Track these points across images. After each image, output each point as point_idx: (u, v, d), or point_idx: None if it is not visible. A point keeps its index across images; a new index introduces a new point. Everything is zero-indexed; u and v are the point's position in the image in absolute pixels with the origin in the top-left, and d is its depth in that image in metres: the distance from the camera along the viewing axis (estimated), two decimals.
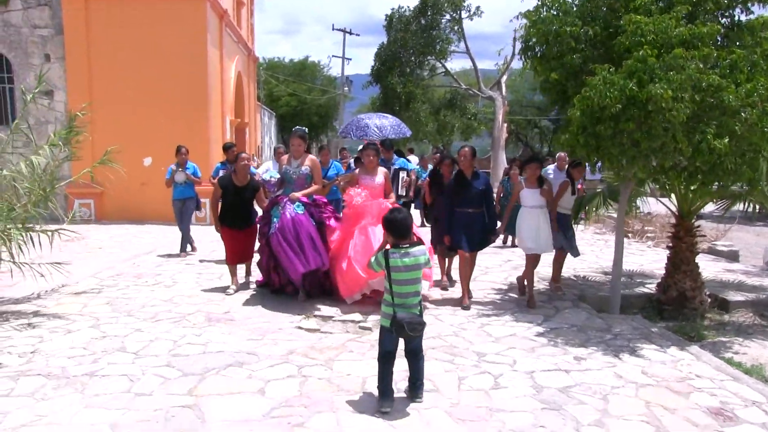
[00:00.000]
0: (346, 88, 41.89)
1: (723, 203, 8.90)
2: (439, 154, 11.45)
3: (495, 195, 10.06)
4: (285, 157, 7.92)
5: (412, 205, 13.00)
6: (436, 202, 8.61)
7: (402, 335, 4.44)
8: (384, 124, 11.97)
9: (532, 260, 7.87)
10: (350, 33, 40.50)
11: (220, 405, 4.57)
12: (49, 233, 7.21)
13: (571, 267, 10.08)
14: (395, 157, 11.90)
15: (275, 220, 7.46)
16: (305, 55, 51.42)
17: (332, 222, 7.76)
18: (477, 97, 28.79)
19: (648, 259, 11.36)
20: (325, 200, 8.04)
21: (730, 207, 8.52)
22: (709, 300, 8.24)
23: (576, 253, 8.50)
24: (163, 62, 15.39)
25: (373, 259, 4.65)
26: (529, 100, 45.68)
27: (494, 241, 8.32)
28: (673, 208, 8.46)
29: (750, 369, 5.87)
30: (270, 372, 5.24)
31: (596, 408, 4.66)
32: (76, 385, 4.92)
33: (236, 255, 8.30)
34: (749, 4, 7.20)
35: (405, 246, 4.54)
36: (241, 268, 8.69)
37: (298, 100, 43.24)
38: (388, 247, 4.62)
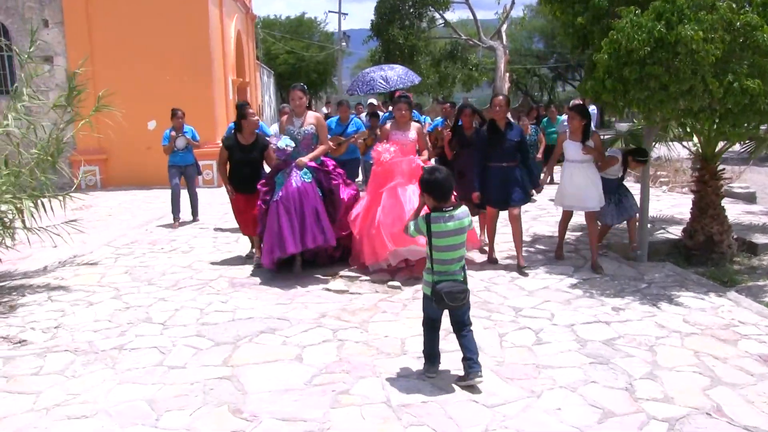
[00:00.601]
0: (344, 44, 41.14)
1: (747, 146, 8.72)
2: (448, 104, 10.92)
3: None
4: (285, 117, 7.29)
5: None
6: (458, 155, 8.15)
7: (443, 306, 4.10)
8: (390, 75, 11.48)
9: (567, 215, 7.50)
10: None
11: (258, 374, 4.44)
12: (60, 198, 7.04)
13: None
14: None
15: (279, 187, 6.82)
16: (301, 12, 50.54)
17: (343, 192, 7.12)
18: (477, 48, 28.24)
19: (665, 204, 11.18)
20: (334, 163, 7.40)
21: (759, 150, 8.31)
22: (737, 244, 8.09)
23: (633, 211, 7.69)
24: (164, 23, 14.97)
25: (411, 224, 4.28)
26: (527, 49, 45.03)
27: (534, 196, 8.00)
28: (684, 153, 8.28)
29: None
30: (304, 337, 5.11)
31: (645, 360, 4.54)
32: (106, 360, 4.79)
33: (249, 221, 7.46)
34: None
35: (448, 209, 4.13)
36: (240, 249, 8.14)
37: (296, 58, 42.49)
38: (425, 210, 4.31)
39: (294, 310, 5.79)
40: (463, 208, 4.21)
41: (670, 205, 10.99)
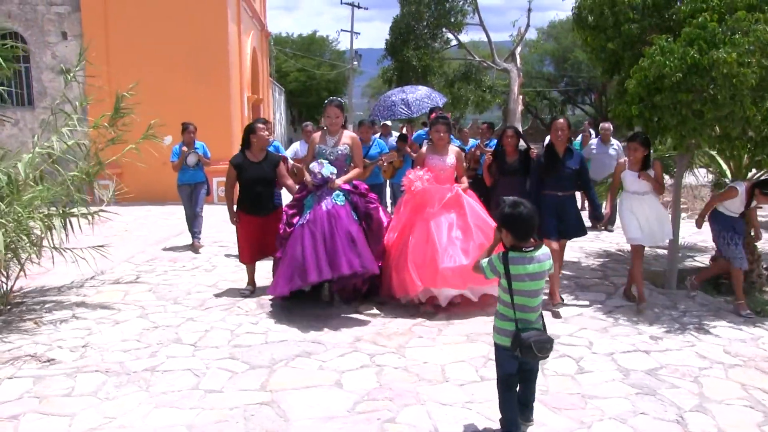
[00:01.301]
0: (356, 63, 41.33)
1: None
2: (486, 124, 10.34)
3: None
4: (317, 134, 6.65)
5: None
6: (497, 183, 7.45)
7: (529, 357, 3.56)
8: (411, 99, 10.68)
9: (638, 252, 6.54)
10: (359, 7, 39.88)
11: (298, 400, 4.35)
12: (89, 217, 6.98)
13: (614, 242, 9.84)
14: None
15: (307, 210, 6.26)
16: (313, 30, 50.81)
17: (381, 214, 6.47)
18: (491, 69, 28.33)
19: (686, 231, 11.05)
20: (366, 186, 6.70)
21: None
22: (766, 274, 7.98)
23: (739, 264, 6.66)
24: (183, 39, 15.11)
25: (484, 263, 3.78)
26: (538, 72, 45.15)
27: (599, 228, 7.70)
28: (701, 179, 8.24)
29: None
30: (342, 362, 5.02)
31: (692, 392, 4.44)
32: (140, 383, 4.70)
33: (255, 249, 6.96)
34: None
35: (529, 249, 3.64)
36: (261, 267, 7.37)
37: (307, 76, 42.77)
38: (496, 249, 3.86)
39: (327, 334, 5.70)
40: (545, 250, 3.72)
41: (692, 232, 10.87)
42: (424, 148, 6.84)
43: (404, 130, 13.66)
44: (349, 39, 41.61)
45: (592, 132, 13.50)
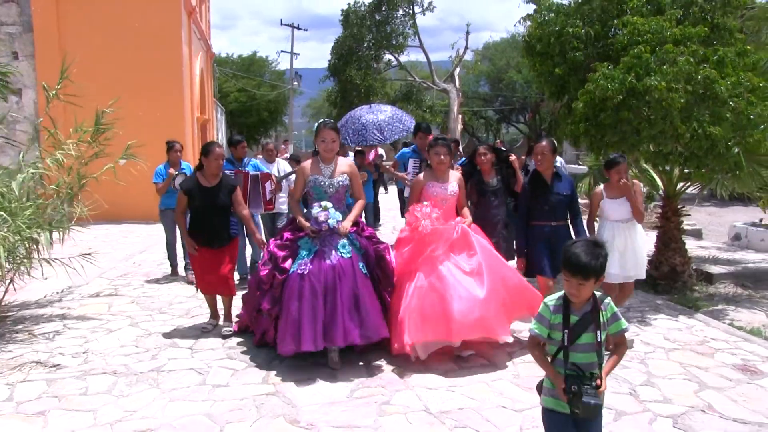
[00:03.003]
0: (296, 83, 41.83)
1: (695, 187, 9.64)
2: (454, 142, 9.35)
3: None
4: (308, 163, 5.65)
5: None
6: (478, 204, 7.04)
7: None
8: (382, 121, 9.81)
9: (613, 290, 5.99)
10: (298, 28, 40.49)
11: (301, 391, 4.87)
12: (63, 232, 7.28)
13: None
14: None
15: (304, 254, 5.38)
16: (253, 51, 51.08)
17: (391, 254, 5.68)
18: (431, 90, 29.30)
19: None
20: (362, 220, 5.92)
21: (706, 189, 9.20)
22: (695, 274, 8.89)
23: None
24: (137, 60, 15.30)
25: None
26: (474, 92, 46.53)
27: None
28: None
29: (752, 331, 6.47)
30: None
31: (640, 370, 5.20)
32: (149, 381, 5.12)
33: (207, 282, 6.29)
34: (727, 9, 7.87)
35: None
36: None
37: (248, 96, 42.95)
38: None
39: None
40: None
41: None
42: (421, 176, 5.96)
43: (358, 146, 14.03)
44: (289, 59, 42.20)
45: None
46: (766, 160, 8.32)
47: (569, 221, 6.13)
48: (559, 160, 11.52)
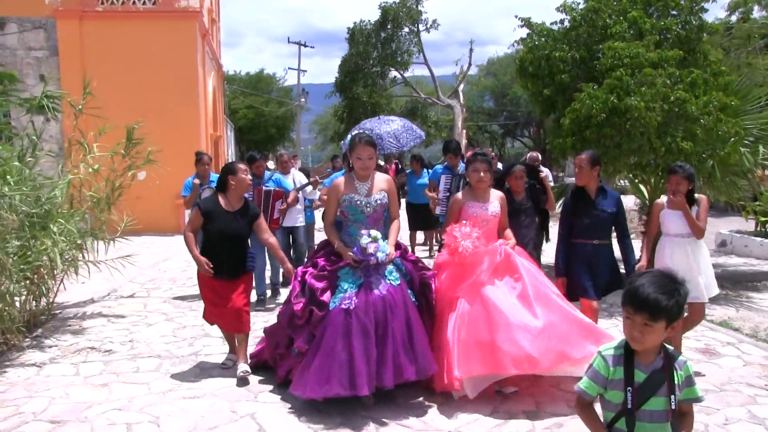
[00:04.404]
0: (303, 100, 42.84)
1: None
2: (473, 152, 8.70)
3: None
4: (341, 180, 5.15)
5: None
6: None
7: None
8: (396, 130, 9.12)
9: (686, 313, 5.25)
10: (305, 45, 41.58)
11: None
12: (108, 240, 8.14)
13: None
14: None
15: (347, 286, 4.83)
16: (260, 68, 52.22)
17: (435, 282, 5.18)
18: (436, 106, 30.22)
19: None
20: (405, 244, 5.54)
21: None
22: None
23: None
24: (156, 81, 16.23)
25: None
26: (479, 107, 47.48)
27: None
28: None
29: (720, 323, 7.26)
30: None
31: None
32: (189, 362, 5.95)
33: (217, 317, 5.65)
34: (702, 34, 8.75)
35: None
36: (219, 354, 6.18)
37: (256, 113, 43.96)
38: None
39: None
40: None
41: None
42: (459, 195, 5.50)
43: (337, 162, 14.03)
44: (296, 76, 43.26)
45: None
46: (742, 171, 9.11)
47: (617, 241, 5.74)
48: (546, 171, 12.36)
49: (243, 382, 5.34)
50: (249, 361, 5.61)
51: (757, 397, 4.98)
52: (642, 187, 10.02)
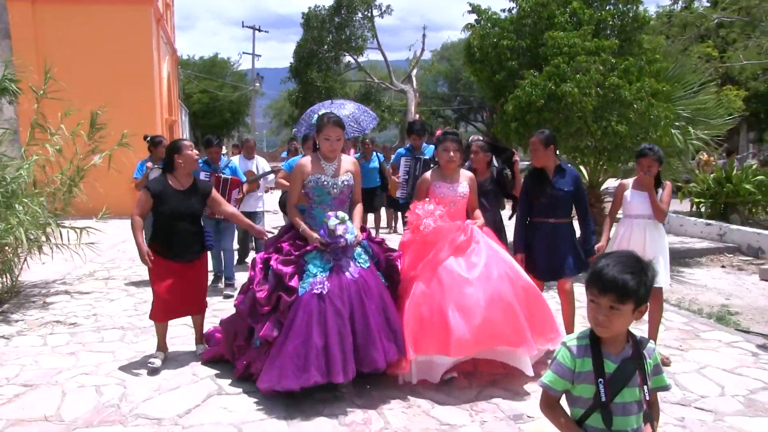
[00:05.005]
0: (258, 84, 42.78)
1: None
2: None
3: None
4: (306, 160, 4.98)
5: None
6: None
7: None
8: (353, 112, 8.72)
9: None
10: (259, 30, 41.44)
11: None
12: (78, 230, 8.33)
13: None
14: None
15: (317, 272, 4.68)
16: (214, 52, 51.79)
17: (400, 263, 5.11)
18: (389, 90, 30.62)
19: None
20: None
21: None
22: None
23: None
24: (111, 66, 16.30)
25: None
26: (433, 92, 48.04)
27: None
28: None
29: None
30: None
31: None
32: (152, 333, 6.10)
33: (171, 305, 5.36)
34: (636, 26, 9.31)
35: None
36: (180, 327, 6.20)
37: (210, 97, 43.82)
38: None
39: None
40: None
41: None
42: (428, 174, 5.40)
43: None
44: (251, 60, 43.15)
45: None
46: (675, 153, 9.71)
47: (578, 221, 5.74)
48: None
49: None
50: (204, 343, 5.68)
51: (671, 356, 5.53)
52: (582, 169, 10.60)
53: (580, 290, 5.77)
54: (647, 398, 2.33)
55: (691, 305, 7.48)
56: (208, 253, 5.71)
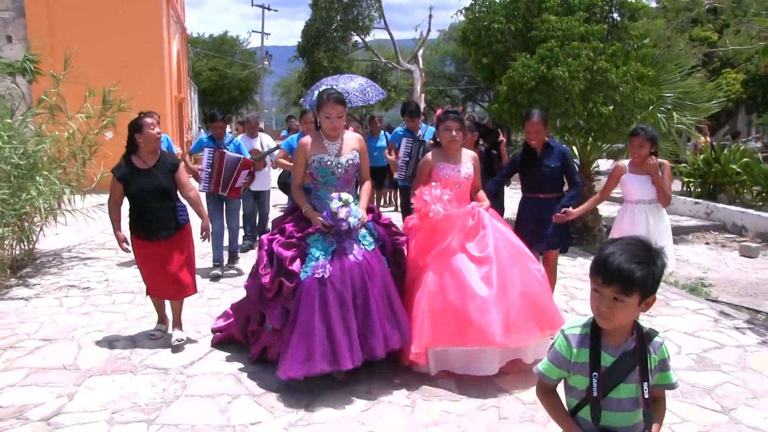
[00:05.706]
0: (266, 63, 43.07)
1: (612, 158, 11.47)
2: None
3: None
4: (307, 139, 4.76)
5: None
6: None
7: None
8: (361, 84, 8.57)
9: None
10: (269, 8, 41.68)
11: None
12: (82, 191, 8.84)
13: None
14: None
15: (318, 255, 4.49)
16: (224, 30, 52.13)
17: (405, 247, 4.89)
18: (396, 70, 30.89)
19: None
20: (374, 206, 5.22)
21: (617, 159, 11.03)
22: (605, 230, 10.73)
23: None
24: (121, 44, 16.70)
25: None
26: (440, 71, 48.15)
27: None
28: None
29: None
30: None
31: None
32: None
33: (159, 283, 5.38)
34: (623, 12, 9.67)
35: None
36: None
37: (219, 75, 44.17)
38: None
39: None
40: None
41: None
42: (429, 155, 5.18)
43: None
44: (260, 39, 43.45)
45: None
46: (661, 134, 10.07)
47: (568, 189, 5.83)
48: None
49: (178, 350, 5.23)
50: (183, 329, 5.52)
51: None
52: (574, 149, 11.00)
53: (563, 261, 6.38)
54: (646, 396, 2.19)
55: (668, 278, 7.90)
56: (194, 233, 5.52)
